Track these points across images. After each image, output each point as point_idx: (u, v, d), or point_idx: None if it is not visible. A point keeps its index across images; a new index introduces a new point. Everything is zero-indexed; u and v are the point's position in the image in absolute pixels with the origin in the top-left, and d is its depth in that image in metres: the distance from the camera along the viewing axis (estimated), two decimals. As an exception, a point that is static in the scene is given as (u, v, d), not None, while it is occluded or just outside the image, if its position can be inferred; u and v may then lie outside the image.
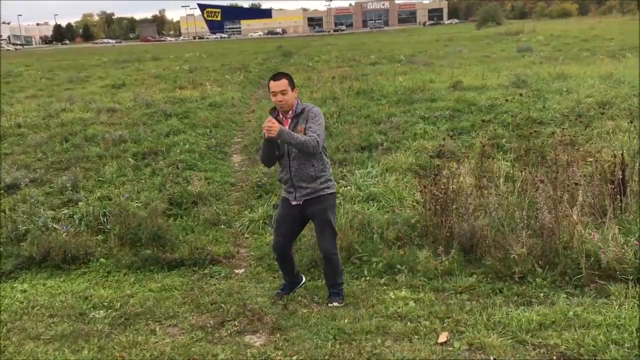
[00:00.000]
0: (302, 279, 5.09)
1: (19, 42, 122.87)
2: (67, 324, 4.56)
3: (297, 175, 4.50)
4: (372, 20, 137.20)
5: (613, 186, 5.67)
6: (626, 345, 3.67)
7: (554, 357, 3.67)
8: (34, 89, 20.94)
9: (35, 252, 5.91)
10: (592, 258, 4.71)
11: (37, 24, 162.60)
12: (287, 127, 4.38)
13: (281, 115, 4.50)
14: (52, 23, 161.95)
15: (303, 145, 4.31)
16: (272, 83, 4.40)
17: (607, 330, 3.84)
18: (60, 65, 35.25)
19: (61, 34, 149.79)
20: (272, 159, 4.62)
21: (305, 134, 4.38)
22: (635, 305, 4.17)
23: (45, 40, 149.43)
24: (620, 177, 5.68)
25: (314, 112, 4.47)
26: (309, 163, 4.47)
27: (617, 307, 4.17)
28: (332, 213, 4.68)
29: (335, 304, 4.68)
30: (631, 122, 7.58)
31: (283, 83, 4.38)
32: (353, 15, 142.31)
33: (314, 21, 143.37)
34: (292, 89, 4.43)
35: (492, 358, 3.69)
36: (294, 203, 4.59)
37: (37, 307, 4.92)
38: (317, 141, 4.34)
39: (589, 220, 5.28)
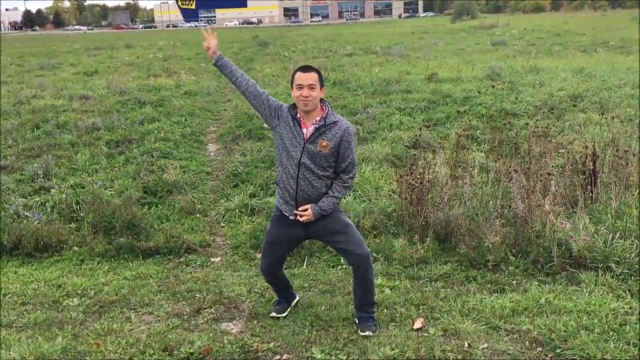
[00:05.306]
0: (295, 296, 4.47)
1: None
2: (40, 312, 4.49)
3: (304, 190, 3.80)
4: (348, 11, 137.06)
5: (584, 177, 5.79)
6: (596, 330, 3.78)
7: (527, 342, 3.75)
8: (4, 75, 20.43)
9: (6, 240, 5.78)
10: (564, 247, 4.82)
11: (6, 9, 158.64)
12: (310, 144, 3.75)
13: (299, 115, 3.80)
14: (21, 9, 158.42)
15: (344, 195, 3.98)
16: (300, 75, 3.75)
17: (578, 316, 3.95)
18: (31, 52, 34.51)
19: (31, 19, 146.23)
20: None
21: (339, 165, 3.81)
22: (605, 292, 4.28)
23: (14, 26, 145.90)
24: (592, 168, 5.79)
25: (351, 134, 3.82)
26: (323, 181, 3.82)
27: (587, 294, 4.27)
28: (344, 215, 4.06)
29: (369, 332, 3.94)
30: (602, 114, 7.73)
31: (313, 77, 3.73)
32: (329, 6, 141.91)
33: (290, 11, 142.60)
34: (321, 88, 3.78)
35: (466, 343, 3.75)
36: (292, 218, 3.89)
37: (9, 295, 4.82)
38: (352, 179, 3.92)
39: (560, 210, 5.38)
